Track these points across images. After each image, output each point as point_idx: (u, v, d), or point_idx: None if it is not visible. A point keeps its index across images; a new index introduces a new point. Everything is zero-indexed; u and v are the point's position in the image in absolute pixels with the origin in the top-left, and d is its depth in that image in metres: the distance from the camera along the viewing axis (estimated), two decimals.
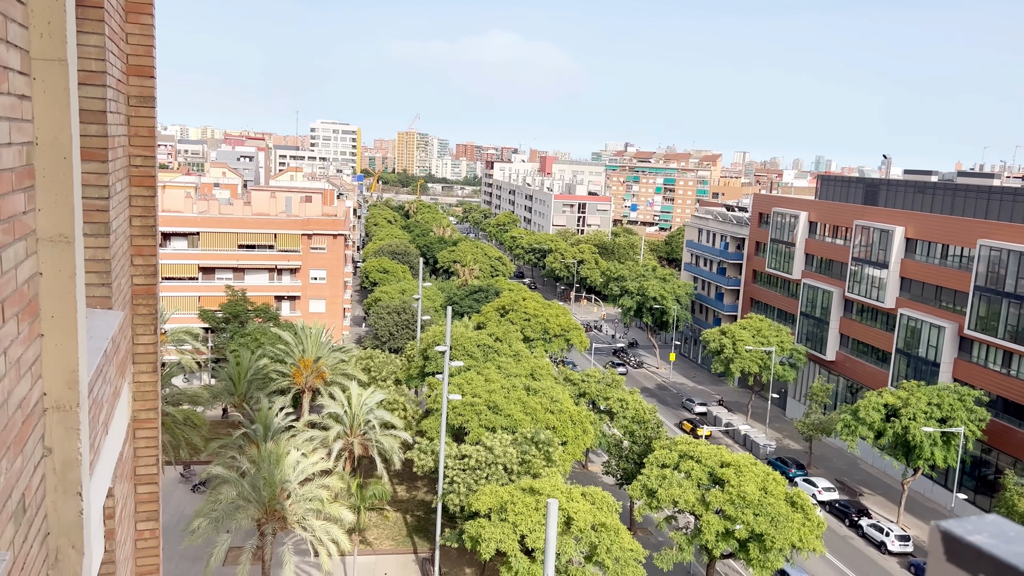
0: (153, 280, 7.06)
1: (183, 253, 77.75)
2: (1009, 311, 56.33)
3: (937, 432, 52.89)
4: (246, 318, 72.03)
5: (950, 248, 63.54)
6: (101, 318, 5.32)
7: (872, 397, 56.90)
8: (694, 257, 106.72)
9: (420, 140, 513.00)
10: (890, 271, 68.61)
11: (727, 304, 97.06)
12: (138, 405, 6.96)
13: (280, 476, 36.90)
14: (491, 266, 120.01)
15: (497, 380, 50.37)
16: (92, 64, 5.32)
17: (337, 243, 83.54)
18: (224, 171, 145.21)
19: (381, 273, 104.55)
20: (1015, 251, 55.72)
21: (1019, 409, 56.01)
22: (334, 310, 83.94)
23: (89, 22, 5.32)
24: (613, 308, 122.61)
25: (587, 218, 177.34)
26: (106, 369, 5.05)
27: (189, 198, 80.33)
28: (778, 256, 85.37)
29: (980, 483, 58.94)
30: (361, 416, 48.05)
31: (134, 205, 6.84)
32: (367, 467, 52.67)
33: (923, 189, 69.95)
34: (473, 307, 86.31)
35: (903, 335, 66.55)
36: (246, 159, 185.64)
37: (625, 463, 52.79)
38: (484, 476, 41.25)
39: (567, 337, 77.44)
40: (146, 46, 6.81)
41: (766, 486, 40.20)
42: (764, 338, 74.89)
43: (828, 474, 65.74)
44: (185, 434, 44.41)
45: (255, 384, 54.85)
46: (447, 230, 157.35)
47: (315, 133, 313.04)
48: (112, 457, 5.37)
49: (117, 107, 6.06)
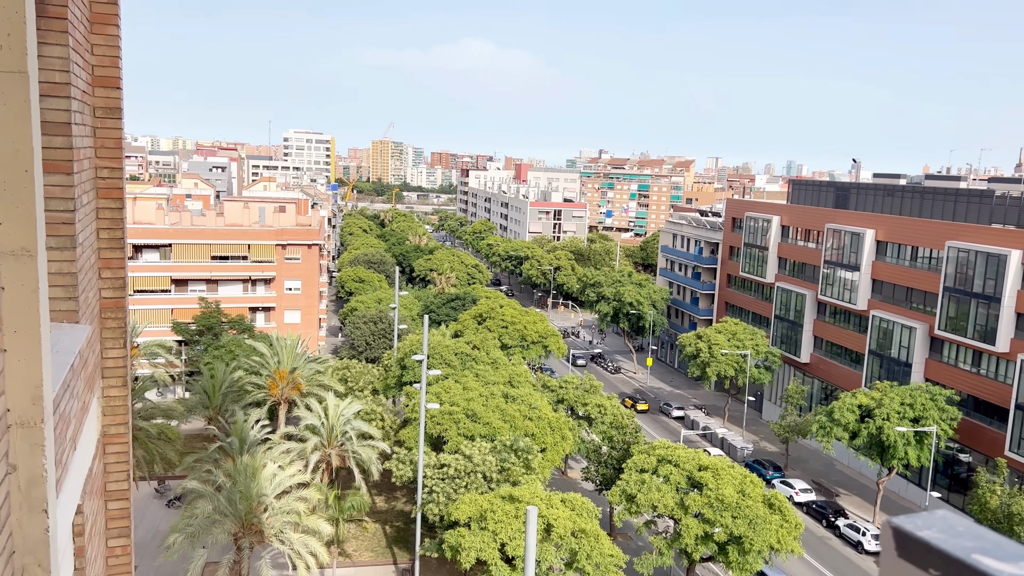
0: (122, 293, 6.98)
1: (155, 265, 76.84)
2: (977, 311, 57.31)
3: (910, 432, 53.61)
4: (220, 330, 71.29)
5: (919, 250, 64.56)
6: (68, 332, 5.25)
7: (846, 398, 57.55)
8: (669, 262, 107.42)
9: (395, 149, 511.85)
10: (861, 273, 69.53)
11: (702, 308, 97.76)
12: (108, 420, 6.86)
13: (257, 489, 36.52)
14: (468, 274, 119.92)
15: (475, 388, 50.28)
16: (56, 76, 5.27)
17: (312, 253, 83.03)
18: (196, 182, 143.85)
19: (357, 283, 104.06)
20: (982, 252, 56.73)
21: (989, 408, 56.94)
22: (310, 320, 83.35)
23: (52, 33, 5.27)
24: (590, 314, 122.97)
25: (563, 225, 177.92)
26: (73, 384, 4.98)
27: (160, 210, 79.47)
28: (752, 260, 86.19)
29: (953, 481, 59.80)
30: (338, 427, 47.70)
31: (101, 217, 6.76)
32: (345, 478, 52.27)
33: (892, 192, 71.05)
34: (450, 315, 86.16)
35: (875, 336, 67.44)
36: (219, 170, 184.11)
37: (604, 469, 52.89)
38: (463, 485, 41.12)
39: (545, 344, 77.55)
40: (112, 57, 6.74)
41: (744, 488, 40.47)
42: (739, 341, 75.51)
43: (805, 475, 66.34)
44: (159, 448, 43.79)
45: (230, 397, 54.25)
46: (423, 238, 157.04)
47: (288, 143, 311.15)
48: (81, 473, 5.30)
49: (82, 119, 6.00)
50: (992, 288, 55.98)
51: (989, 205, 61.00)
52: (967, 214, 62.31)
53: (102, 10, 6.64)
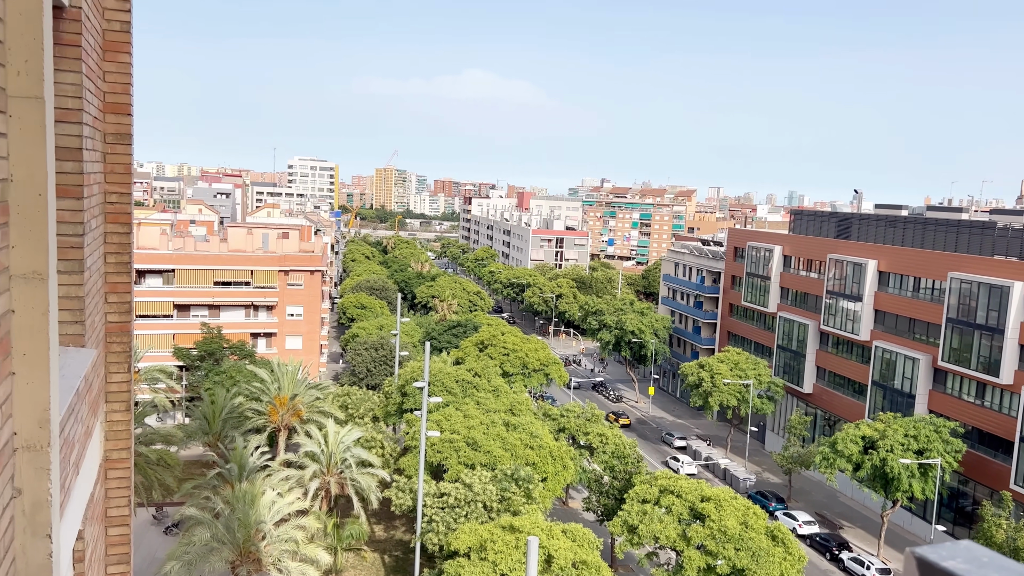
0: (127, 317, 6.99)
1: (158, 290, 76.96)
2: (981, 342, 57.13)
3: (914, 464, 53.19)
4: (221, 355, 71.19)
5: (922, 281, 64.55)
6: (74, 356, 5.25)
7: (850, 429, 57.18)
8: (671, 291, 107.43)
9: (398, 176, 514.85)
10: (864, 304, 69.45)
11: (704, 337, 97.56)
12: (110, 445, 6.84)
13: (255, 517, 36.22)
14: (469, 301, 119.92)
15: (476, 416, 50.04)
16: (69, 102, 5.33)
17: (314, 279, 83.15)
18: (200, 208, 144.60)
19: (359, 309, 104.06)
20: (984, 283, 56.71)
21: (994, 440, 56.54)
22: (311, 346, 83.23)
23: (67, 60, 5.34)
24: (592, 342, 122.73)
25: (565, 252, 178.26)
26: (78, 408, 4.97)
27: (165, 235, 79.78)
28: (754, 289, 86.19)
29: (958, 515, 59.19)
30: (338, 454, 47.42)
31: (109, 242, 6.80)
32: (344, 506, 51.85)
33: (894, 223, 71.21)
34: (452, 342, 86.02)
35: (878, 367, 67.18)
36: (223, 196, 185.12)
37: (606, 499, 52.43)
38: (463, 514, 40.75)
39: (546, 372, 77.30)
40: (123, 84, 6.82)
41: (747, 520, 40.07)
42: (742, 371, 75.22)
43: (808, 507, 65.70)
44: (158, 474, 43.53)
45: (230, 423, 54.03)
46: (425, 265, 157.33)
47: (293, 170, 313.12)
48: (83, 498, 5.27)
49: (93, 144, 6.05)
50: (995, 320, 55.86)
51: (991, 237, 61.08)
52: (969, 245, 62.37)
53: (115, 38, 6.74)
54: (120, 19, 6.73)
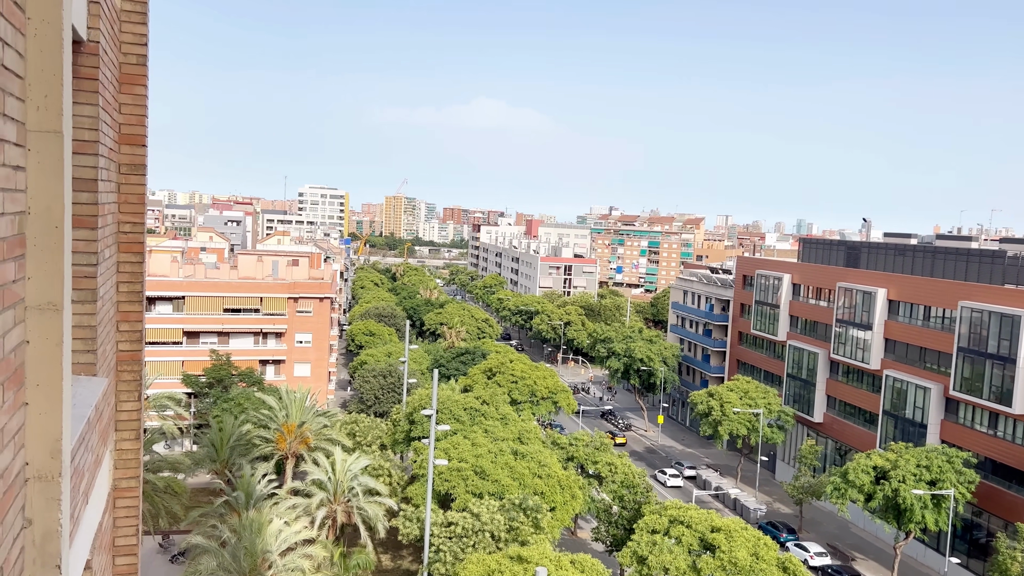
0: (138, 346, 7.04)
1: (168, 317, 77.27)
2: (993, 372, 56.64)
3: (927, 495, 52.51)
4: (230, 383, 71.24)
5: (932, 309, 64.19)
6: (85, 385, 5.28)
7: (861, 459, 56.56)
8: (680, 319, 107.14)
9: (408, 204, 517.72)
10: (874, 332, 69.07)
11: (714, 366, 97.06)
12: (119, 473, 6.85)
13: (262, 545, 36.00)
14: (478, 328, 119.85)
15: (484, 444, 49.78)
16: (85, 134, 5.42)
17: (323, 306, 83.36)
18: (211, 235, 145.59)
19: (367, 336, 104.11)
20: (995, 312, 56.36)
21: (1008, 471, 55.81)
22: (319, 374, 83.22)
23: (84, 93, 5.44)
24: (600, 370, 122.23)
25: (573, 280, 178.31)
26: (89, 437, 4.99)
27: (175, 262, 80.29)
28: (763, 318, 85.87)
29: (972, 547, 58.27)
30: (345, 483, 47.19)
31: (122, 272, 6.86)
32: (351, 535, 51.46)
33: (903, 252, 71.02)
34: (460, 369, 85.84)
35: (889, 396, 66.61)
36: (233, 223, 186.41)
37: (615, 529, 51.90)
38: (471, 544, 40.39)
39: (555, 400, 76.95)
40: (138, 115, 6.94)
41: (757, 551, 39.55)
42: (751, 400, 74.71)
43: (819, 538, 64.82)
44: (165, 502, 43.39)
45: (238, 450, 53.91)
46: (434, 292, 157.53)
47: (303, 197, 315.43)
48: (91, 528, 5.27)
49: (108, 175, 6.14)
50: (1007, 349, 55.42)
51: (1001, 265, 60.80)
52: (979, 274, 62.09)
53: (131, 71, 6.86)
54: (136, 52, 6.86)
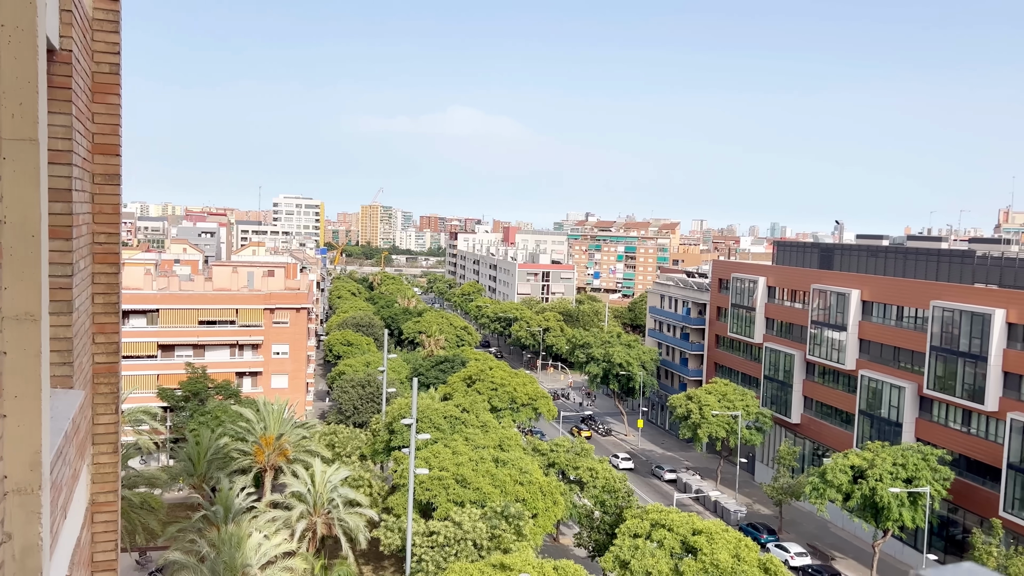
0: (115, 358, 6.95)
1: (142, 331, 76.29)
2: (965, 370, 57.51)
3: (904, 493, 53.13)
4: (206, 396, 70.44)
5: (905, 310, 65.09)
6: (62, 398, 5.20)
7: (838, 459, 57.14)
8: (657, 323, 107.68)
9: (384, 213, 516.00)
10: (849, 333, 69.88)
11: (692, 369, 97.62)
12: (97, 488, 6.74)
13: (241, 560, 35.58)
14: (457, 336, 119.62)
15: (465, 452, 49.63)
16: (59, 143, 5.35)
17: (300, 317, 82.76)
18: (185, 247, 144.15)
19: (345, 346, 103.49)
20: (967, 311, 57.27)
21: (982, 467, 56.63)
22: (297, 385, 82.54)
23: (57, 102, 5.37)
24: (580, 375, 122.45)
25: (551, 286, 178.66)
26: (66, 451, 4.92)
27: (149, 275, 79.35)
28: (739, 321, 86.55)
29: (949, 543, 59.02)
30: (325, 494, 46.81)
31: (97, 282, 6.78)
32: (332, 547, 51.04)
33: (876, 253, 71.99)
34: (439, 378, 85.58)
35: (865, 396, 67.38)
36: (208, 235, 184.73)
37: (597, 534, 51.92)
38: (453, 553, 40.23)
39: (535, 406, 76.93)
40: (112, 125, 6.86)
41: (739, 553, 39.77)
42: (730, 402, 75.20)
43: (799, 538, 65.32)
44: (141, 518, 42.74)
45: (215, 464, 53.27)
46: (412, 301, 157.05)
47: (278, 208, 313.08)
48: (70, 543, 5.18)
49: (82, 185, 6.07)
50: (978, 347, 56.32)
51: (971, 265, 61.84)
52: (950, 274, 63.10)
53: (104, 80, 6.79)
54: (109, 61, 6.79)
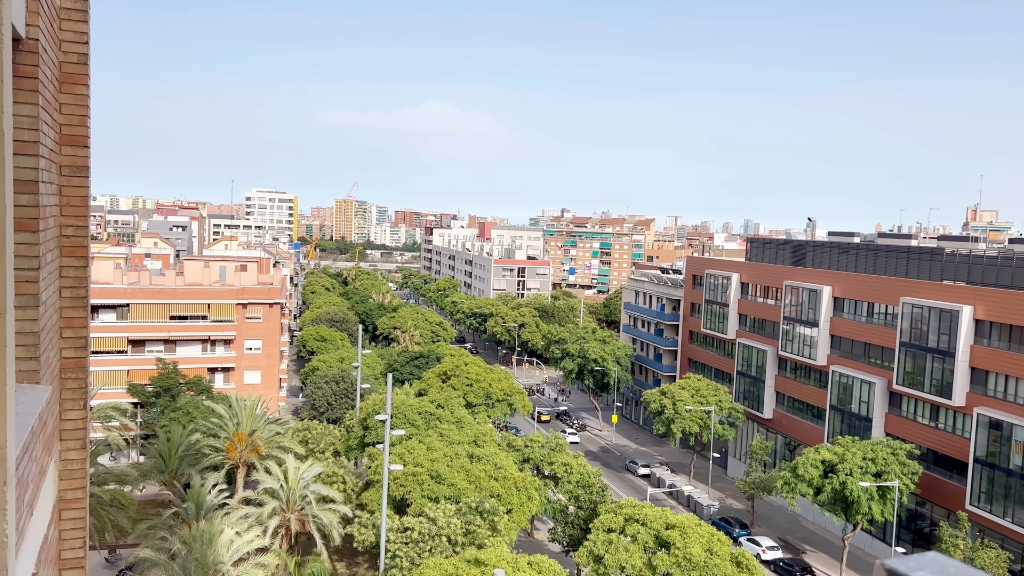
0: (83, 353, 6.84)
1: (111, 325, 75.21)
2: (933, 365, 58.50)
3: (873, 487, 53.96)
4: (177, 391, 69.65)
5: (875, 306, 66.03)
6: (28, 393, 5.12)
7: (809, 454, 57.88)
8: (632, 319, 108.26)
9: (358, 207, 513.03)
10: (820, 329, 70.74)
11: (666, 365, 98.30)
12: (65, 484, 6.64)
13: (213, 557, 35.27)
14: (432, 331, 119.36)
15: (440, 448, 49.58)
16: (25, 134, 5.25)
17: (273, 312, 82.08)
18: (156, 241, 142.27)
19: (319, 342, 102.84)
20: (935, 308, 58.23)
21: (949, 461, 57.68)
22: (270, 380, 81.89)
23: (23, 92, 5.27)
24: (555, 371, 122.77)
25: (527, 282, 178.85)
26: (33, 447, 4.84)
27: (119, 269, 78.21)
28: (713, 317, 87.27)
29: (917, 536, 60.07)
30: (298, 490, 46.53)
31: (64, 276, 6.66)
32: (305, 544, 50.76)
33: (847, 250, 72.91)
34: (414, 373, 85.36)
35: (836, 391, 68.29)
36: (179, 229, 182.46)
37: (571, 529, 52.15)
38: (428, 548, 40.18)
39: (510, 402, 77.03)
40: (80, 116, 6.75)
41: (711, 547, 40.16)
42: (703, 398, 75.84)
43: (771, 532, 66.11)
44: (111, 515, 42.20)
45: (187, 460, 52.72)
46: (386, 296, 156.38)
47: (251, 202, 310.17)
48: (37, 541, 5.10)
49: (49, 177, 5.96)
50: (946, 343, 57.30)
51: (940, 262, 62.86)
52: (919, 271, 64.09)
53: (72, 70, 6.67)
54: (77, 51, 6.67)
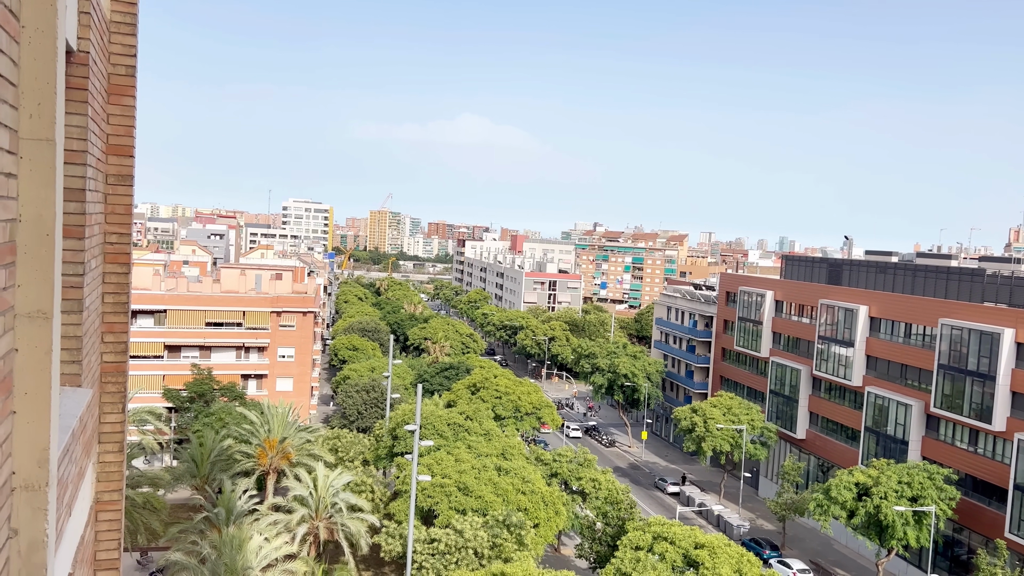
0: (123, 358, 6.99)
1: (149, 331, 76.56)
2: (972, 389, 57.17)
3: (909, 511, 52.77)
4: (211, 397, 70.58)
5: (913, 327, 64.79)
6: (70, 396, 5.24)
7: (843, 476, 56.80)
8: (664, 335, 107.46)
9: (392, 219, 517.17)
10: (856, 349, 69.57)
11: (697, 382, 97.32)
12: (102, 486, 6.77)
13: (242, 562, 35.57)
14: (462, 343, 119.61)
15: (468, 460, 49.55)
16: (74, 144, 5.40)
17: (306, 320, 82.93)
18: (194, 248, 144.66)
19: (350, 351, 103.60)
20: (975, 330, 56.97)
21: (988, 488, 56.22)
22: (302, 388, 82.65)
23: (73, 103, 5.43)
24: (584, 385, 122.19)
25: (558, 295, 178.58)
26: (73, 448, 4.95)
27: (157, 275, 79.68)
28: (746, 334, 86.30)
29: (954, 563, 58.56)
30: (327, 498, 46.79)
31: (107, 282, 6.82)
32: (333, 552, 50.98)
33: (884, 269, 71.73)
34: (444, 385, 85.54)
35: (871, 413, 67.03)
36: (217, 237, 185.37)
37: (598, 546, 51.72)
38: (454, 561, 40.12)
39: (539, 415, 76.80)
40: (127, 126, 6.92)
41: (741, 568, 39.56)
42: (735, 416, 74.90)
43: (802, 555, 64.91)
44: (144, 518, 42.80)
45: (218, 466, 53.33)
46: (418, 307, 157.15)
47: (287, 211, 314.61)
48: (74, 541, 5.20)
49: (96, 185, 6.12)
50: (987, 366, 55.99)
51: (981, 283, 61.54)
52: (959, 292, 62.79)
53: (120, 82, 6.85)
54: (126, 63, 6.85)
